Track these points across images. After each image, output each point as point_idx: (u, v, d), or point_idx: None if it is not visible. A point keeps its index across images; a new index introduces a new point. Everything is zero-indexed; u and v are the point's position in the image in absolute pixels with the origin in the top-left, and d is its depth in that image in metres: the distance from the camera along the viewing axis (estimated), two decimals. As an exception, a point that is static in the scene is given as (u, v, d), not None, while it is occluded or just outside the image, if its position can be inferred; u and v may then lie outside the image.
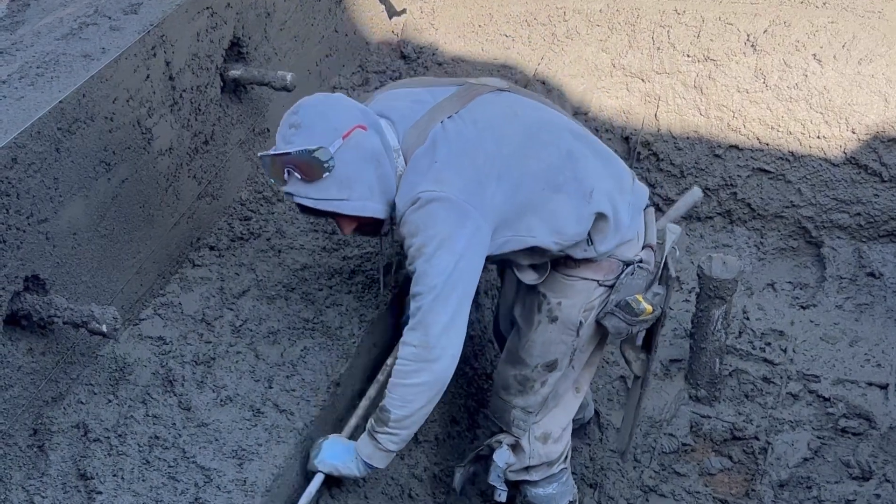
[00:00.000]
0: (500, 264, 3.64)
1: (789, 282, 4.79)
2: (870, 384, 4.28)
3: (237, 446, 3.06)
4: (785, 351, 4.45)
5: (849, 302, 4.64)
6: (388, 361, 3.38)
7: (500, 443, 3.53)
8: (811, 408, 4.23)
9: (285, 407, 3.21)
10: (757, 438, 4.13)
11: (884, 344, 4.44)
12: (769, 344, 4.49)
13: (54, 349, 3.05)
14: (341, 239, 3.78)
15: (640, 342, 3.51)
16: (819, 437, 4.12)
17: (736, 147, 4.80)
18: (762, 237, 4.89)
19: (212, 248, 3.70)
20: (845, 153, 4.66)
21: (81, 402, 3.13)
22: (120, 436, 3.05)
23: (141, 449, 3.03)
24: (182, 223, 3.59)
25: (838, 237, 4.78)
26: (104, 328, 2.88)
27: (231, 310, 3.49)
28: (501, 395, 3.49)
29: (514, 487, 3.66)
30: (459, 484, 3.72)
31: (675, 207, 3.54)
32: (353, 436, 3.20)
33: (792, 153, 4.74)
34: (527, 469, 3.56)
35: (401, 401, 2.96)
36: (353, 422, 3.27)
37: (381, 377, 3.36)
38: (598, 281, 3.21)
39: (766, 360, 4.41)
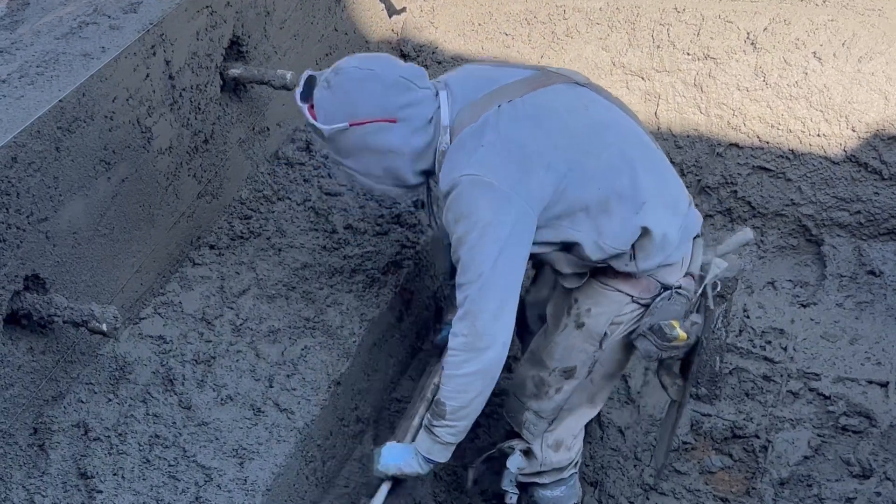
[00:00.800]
0: (541, 265, 3.56)
1: (789, 280, 4.78)
2: (870, 382, 4.27)
3: (238, 445, 3.07)
4: (785, 349, 4.45)
5: (849, 300, 4.63)
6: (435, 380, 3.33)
7: (513, 448, 3.49)
8: (811, 406, 4.23)
9: (286, 406, 3.21)
10: (757, 437, 4.12)
11: (884, 342, 4.43)
12: (769, 342, 4.48)
13: (54, 348, 3.05)
14: (342, 238, 3.78)
15: (677, 369, 3.43)
16: (819, 436, 4.11)
17: (736, 145, 4.79)
18: (762, 235, 4.89)
19: (212, 247, 3.70)
20: (845, 151, 4.66)
21: (82, 401, 3.14)
22: (120, 435, 3.05)
23: (141, 448, 3.03)
24: (182, 222, 3.59)
25: (838, 235, 4.78)
26: (104, 327, 2.88)
27: (231, 309, 3.49)
28: (517, 394, 3.44)
29: (522, 488, 3.65)
30: (471, 482, 3.70)
31: (726, 243, 3.41)
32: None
33: (792, 151, 4.74)
34: (538, 473, 3.54)
35: (455, 392, 2.95)
36: (409, 436, 3.23)
37: (429, 395, 3.33)
38: (632, 297, 3.12)
39: (766, 358, 4.41)
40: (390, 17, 4.79)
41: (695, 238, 3.21)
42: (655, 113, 4.85)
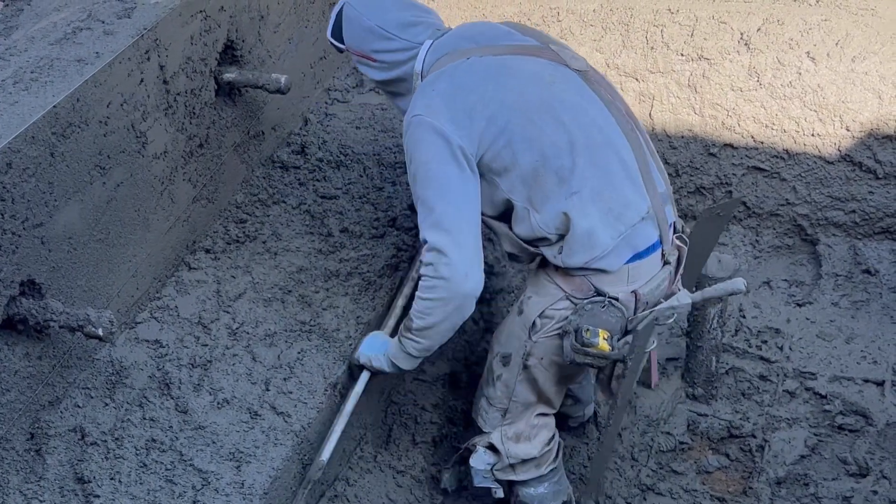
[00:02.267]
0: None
1: (785, 279, 4.79)
2: (866, 381, 4.28)
3: (234, 449, 3.07)
4: (781, 349, 4.45)
5: (845, 299, 4.64)
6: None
7: (475, 446, 3.52)
8: (808, 405, 4.23)
9: (282, 409, 3.21)
10: (754, 436, 4.13)
11: (880, 341, 4.44)
12: (765, 342, 4.49)
13: (51, 353, 3.05)
14: (337, 241, 3.79)
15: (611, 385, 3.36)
16: (816, 435, 4.12)
17: (730, 146, 4.80)
18: (758, 235, 4.90)
19: (207, 251, 3.70)
20: (840, 151, 4.67)
21: (78, 406, 3.14)
22: (117, 439, 3.06)
23: (138, 452, 3.04)
24: (177, 226, 3.59)
25: (834, 235, 4.79)
26: (100, 332, 2.88)
27: (227, 312, 3.49)
28: (480, 381, 3.54)
29: (509, 488, 3.66)
30: (451, 484, 3.73)
31: (713, 288, 3.35)
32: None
33: (786, 151, 4.75)
34: (512, 468, 3.52)
35: (421, 313, 3.13)
36: (390, 322, 3.52)
37: (415, 274, 3.57)
38: (566, 293, 3.17)
39: (762, 357, 4.41)
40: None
41: (664, 264, 3.21)
42: (650, 114, 4.86)
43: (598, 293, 3.12)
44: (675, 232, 3.29)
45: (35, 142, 2.85)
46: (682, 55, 4.81)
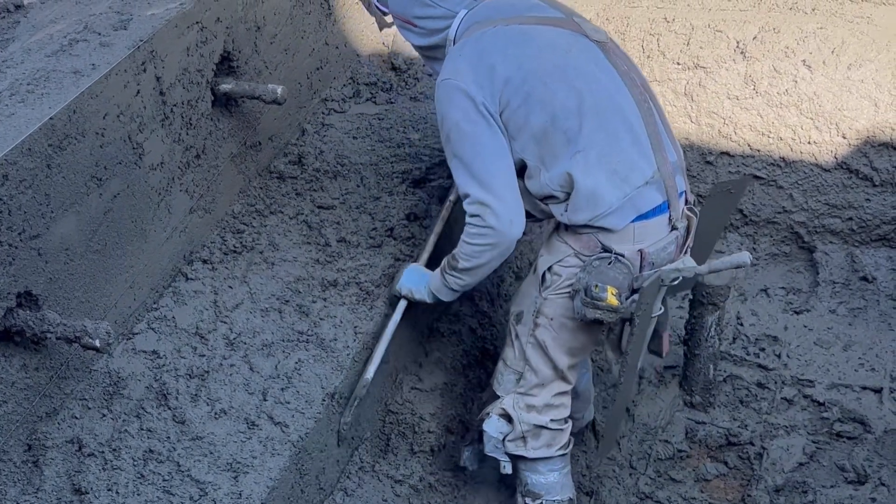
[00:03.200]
0: None
1: (782, 287, 4.80)
2: (864, 388, 4.28)
3: (232, 459, 3.07)
4: (779, 356, 4.46)
5: (842, 306, 4.65)
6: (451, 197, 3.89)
7: (489, 414, 3.60)
8: (806, 412, 4.23)
9: (280, 419, 3.22)
10: (752, 444, 4.13)
11: (877, 348, 4.45)
12: (763, 349, 4.49)
13: (48, 364, 3.06)
14: (335, 251, 3.79)
15: (615, 344, 3.52)
16: (814, 442, 4.12)
17: (727, 154, 4.81)
18: (755, 243, 4.90)
19: (205, 262, 3.71)
20: (836, 158, 4.68)
21: (75, 417, 3.14)
22: (114, 450, 3.06)
23: (135, 463, 3.04)
24: (174, 237, 3.59)
25: (831, 242, 4.80)
26: (97, 343, 2.89)
27: (225, 323, 3.50)
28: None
29: (515, 471, 3.69)
30: (471, 462, 3.82)
31: (720, 261, 3.36)
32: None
33: (783, 159, 4.76)
34: (524, 440, 3.57)
35: (467, 255, 3.37)
36: (425, 256, 3.75)
37: (445, 213, 3.84)
38: (574, 250, 3.33)
39: (760, 365, 4.42)
40: (381, 30, 4.78)
41: (672, 230, 3.35)
42: (646, 122, 4.87)
43: (606, 250, 3.27)
44: (686, 203, 3.43)
45: (31, 154, 2.85)
46: (678, 64, 4.83)
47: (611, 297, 3.16)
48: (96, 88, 3.07)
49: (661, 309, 3.40)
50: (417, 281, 3.62)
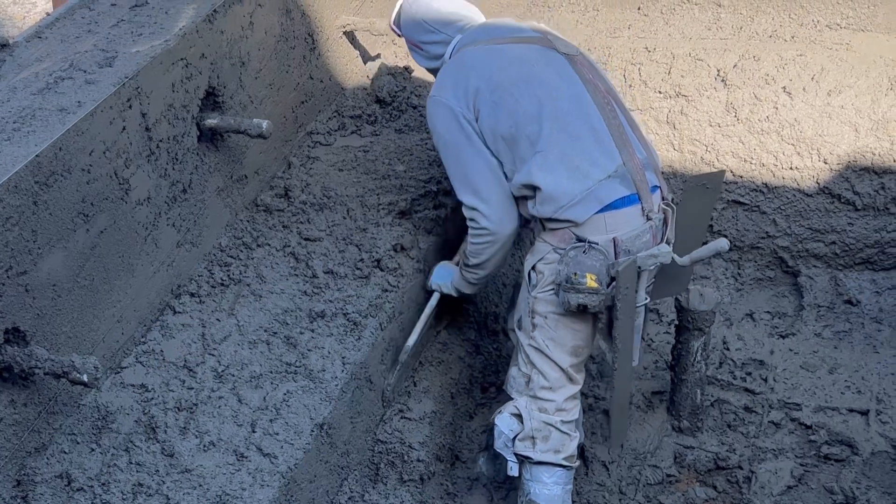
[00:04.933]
0: None
1: (768, 311, 4.83)
2: (851, 410, 4.30)
3: (221, 491, 3.08)
4: (766, 380, 4.48)
5: (827, 330, 4.68)
6: None
7: (502, 412, 3.70)
8: (793, 436, 4.25)
9: (269, 450, 3.23)
10: (740, 468, 4.14)
11: (863, 370, 4.47)
12: (750, 373, 4.52)
13: (36, 400, 3.07)
14: (322, 282, 3.82)
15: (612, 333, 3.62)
16: (802, 465, 4.13)
17: (710, 178, 4.85)
18: (739, 268, 4.94)
19: (192, 295, 3.73)
20: (818, 183, 4.72)
21: (65, 452, 3.15)
22: (103, 484, 3.07)
23: (125, 497, 3.04)
24: (162, 271, 3.62)
25: (815, 266, 4.83)
26: (85, 378, 2.90)
27: (213, 355, 3.52)
28: None
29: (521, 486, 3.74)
30: (486, 467, 3.97)
31: (699, 251, 3.62)
32: None
33: (766, 185, 4.80)
34: (532, 440, 3.64)
35: (472, 253, 3.77)
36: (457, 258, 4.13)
37: None
38: (552, 246, 3.53)
39: (747, 389, 4.44)
40: (365, 63, 4.86)
41: (648, 220, 3.51)
42: (630, 150, 4.91)
43: (580, 240, 3.47)
44: (663, 199, 3.61)
45: (18, 191, 2.88)
46: (659, 92, 4.88)
47: (591, 281, 3.36)
48: (82, 125, 3.10)
49: (646, 298, 3.59)
50: (445, 277, 4.05)
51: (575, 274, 3.37)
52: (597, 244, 3.45)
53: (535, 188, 3.49)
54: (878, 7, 4.92)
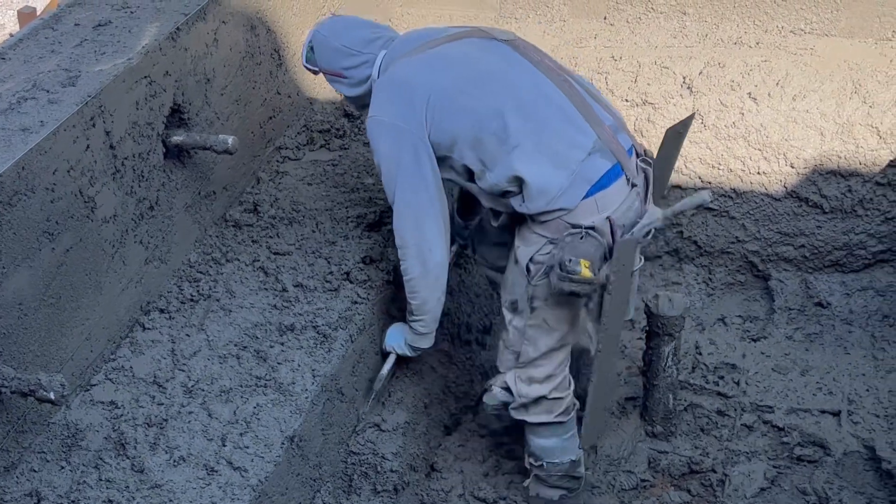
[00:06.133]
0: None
1: (739, 315, 4.86)
2: (822, 412, 4.33)
3: (191, 505, 3.09)
4: (738, 383, 4.51)
5: (798, 332, 4.71)
6: None
7: (491, 386, 3.82)
8: (766, 438, 4.28)
9: (239, 464, 3.23)
10: (714, 471, 4.17)
11: (834, 372, 4.51)
12: (722, 377, 4.54)
13: (4, 419, 3.07)
14: (292, 296, 3.83)
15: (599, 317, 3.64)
16: (775, 467, 4.16)
17: (679, 187, 4.88)
18: (710, 273, 4.97)
19: (162, 311, 3.74)
20: (786, 187, 4.76)
21: (34, 470, 3.15)
22: (73, 501, 3.07)
23: (94, 514, 3.05)
24: (130, 288, 3.63)
25: (785, 269, 4.87)
26: (52, 395, 2.90)
27: (183, 371, 3.52)
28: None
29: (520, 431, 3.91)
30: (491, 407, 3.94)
31: (680, 203, 3.63)
32: None
33: (734, 190, 4.84)
34: (525, 407, 3.76)
35: (410, 293, 3.65)
36: None
37: None
38: (547, 238, 3.46)
39: (719, 393, 4.47)
40: (334, 78, 4.87)
41: (632, 187, 3.50)
42: (598, 159, 4.94)
43: (574, 227, 3.41)
44: (638, 156, 3.58)
45: (-19, 211, 2.89)
46: (626, 101, 4.92)
47: (584, 270, 3.33)
48: (45, 144, 3.11)
49: (641, 261, 3.59)
50: (398, 337, 3.91)
51: (569, 260, 3.33)
52: (592, 228, 3.40)
53: (520, 182, 3.41)
54: (840, 12, 4.98)
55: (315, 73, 3.79)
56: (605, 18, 5.30)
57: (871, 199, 4.68)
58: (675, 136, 3.82)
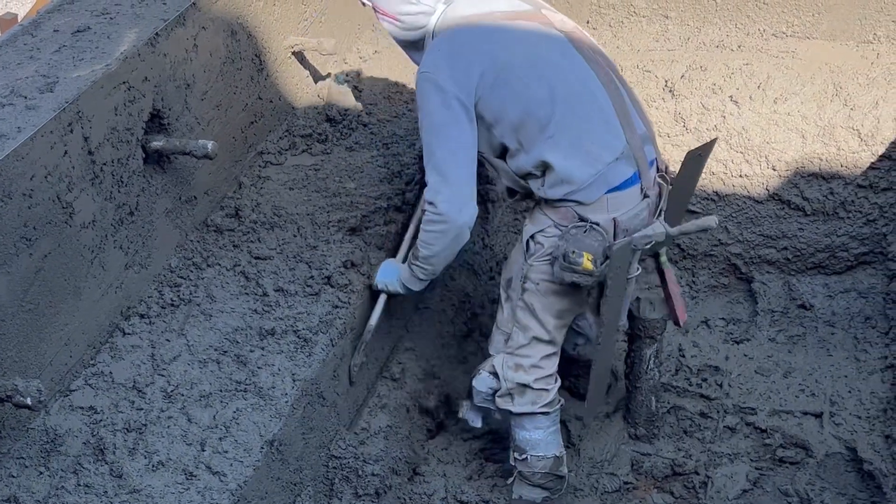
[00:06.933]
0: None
1: (722, 318, 4.88)
2: (805, 413, 4.35)
3: (169, 510, 3.09)
4: (721, 385, 4.52)
5: (781, 334, 4.73)
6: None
7: (480, 371, 3.92)
8: (749, 440, 4.29)
9: (218, 469, 3.24)
10: (697, 473, 4.18)
11: (817, 373, 4.52)
12: (705, 380, 4.56)
13: (-18, 425, 3.08)
14: (272, 300, 3.83)
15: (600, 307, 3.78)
16: (757, 469, 4.17)
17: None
18: (693, 276, 4.98)
19: (142, 317, 3.74)
20: (768, 190, 4.78)
21: (12, 476, 3.15)
22: (51, 507, 3.07)
23: (72, 519, 3.05)
24: (110, 293, 3.63)
25: (768, 272, 4.89)
26: (28, 401, 2.91)
27: (162, 376, 3.52)
28: None
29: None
30: (472, 418, 4.09)
31: (686, 225, 3.79)
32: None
33: (716, 193, 4.85)
34: (511, 396, 3.85)
35: (426, 243, 3.69)
36: (402, 251, 4.08)
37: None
38: (554, 221, 3.61)
39: (702, 395, 4.48)
40: (315, 82, 4.89)
41: (644, 198, 3.63)
42: (581, 162, 4.96)
43: (582, 219, 3.56)
44: (657, 171, 3.71)
45: (-43, 216, 2.89)
46: (609, 104, 4.92)
47: (586, 262, 3.47)
48: (22, 150, 3.10)
49: (638, 269, 3.77)
50: (391, 274, 3.95)
51: (573, 252, 3.46)
52: (598, 224, 3.54)
53: (545, 167, 3.53)
54: (822, 15, 5.00)
55: (364, 4, 3.83)
56: (587, 22, 5.32)
57: (853, 202, 4.70)
58: (696, 159, 3.92)
